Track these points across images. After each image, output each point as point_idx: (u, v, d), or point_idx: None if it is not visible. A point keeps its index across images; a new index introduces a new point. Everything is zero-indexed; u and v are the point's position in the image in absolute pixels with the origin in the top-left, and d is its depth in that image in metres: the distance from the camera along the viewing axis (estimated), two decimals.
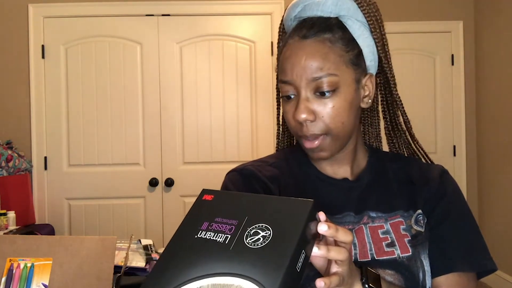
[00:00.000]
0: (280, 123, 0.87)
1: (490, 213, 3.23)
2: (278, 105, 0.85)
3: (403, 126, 0.82)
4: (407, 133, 0.82)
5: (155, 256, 1.62)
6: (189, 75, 3.10)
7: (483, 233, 0.76)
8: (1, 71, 3.03)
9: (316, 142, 0.71)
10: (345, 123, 0.71)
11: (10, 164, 2.77)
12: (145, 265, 1.54)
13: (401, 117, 0.81)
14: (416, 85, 3.28)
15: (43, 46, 3.03)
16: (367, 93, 0.75)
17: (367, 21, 0.74)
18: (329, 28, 0.71)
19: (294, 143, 0.88)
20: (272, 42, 3.12)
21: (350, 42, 0.72)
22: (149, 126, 3.08)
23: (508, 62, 3.02)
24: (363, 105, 0.76)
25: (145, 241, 1.71)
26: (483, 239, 0.75)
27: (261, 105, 3.12)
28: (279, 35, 0.82)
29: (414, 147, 0.84)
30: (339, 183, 0.77)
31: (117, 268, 1.33)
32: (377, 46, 0.76)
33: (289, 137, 0.88)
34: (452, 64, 3.34)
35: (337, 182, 0.77)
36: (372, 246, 0.71)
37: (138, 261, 1.55)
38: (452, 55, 3.33)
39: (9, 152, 2.80)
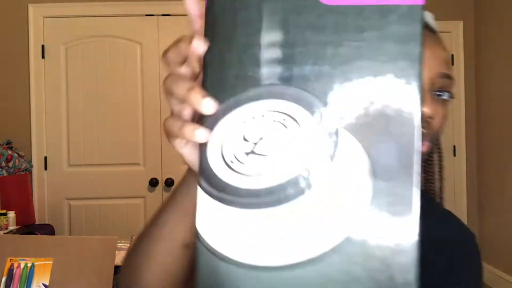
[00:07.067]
0: None
1: (490, 213, 3.23)
2: None
3: None
4: None
5: None
6: None
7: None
8: (1, 71, 3.03)
9: None
10: None
11: (10, 164, 2.77)
12: None
13: None
14: None
15: (43, 46, 3.03)
16: None
17: None
18: None
19: None
20: None
21: None
22: (149, 126, 3.07)
23: (508, 62, 3.01)
24: None
25: None
26: None
27: None
28: None
29: None
30: None
31: (117, 269, 1.33)
32: None
33: None
34: (452, 64, 3.34)
35: None
36: None
37: None
38: (452, 55, 3.33)
39: (9, 152, 2.79)
